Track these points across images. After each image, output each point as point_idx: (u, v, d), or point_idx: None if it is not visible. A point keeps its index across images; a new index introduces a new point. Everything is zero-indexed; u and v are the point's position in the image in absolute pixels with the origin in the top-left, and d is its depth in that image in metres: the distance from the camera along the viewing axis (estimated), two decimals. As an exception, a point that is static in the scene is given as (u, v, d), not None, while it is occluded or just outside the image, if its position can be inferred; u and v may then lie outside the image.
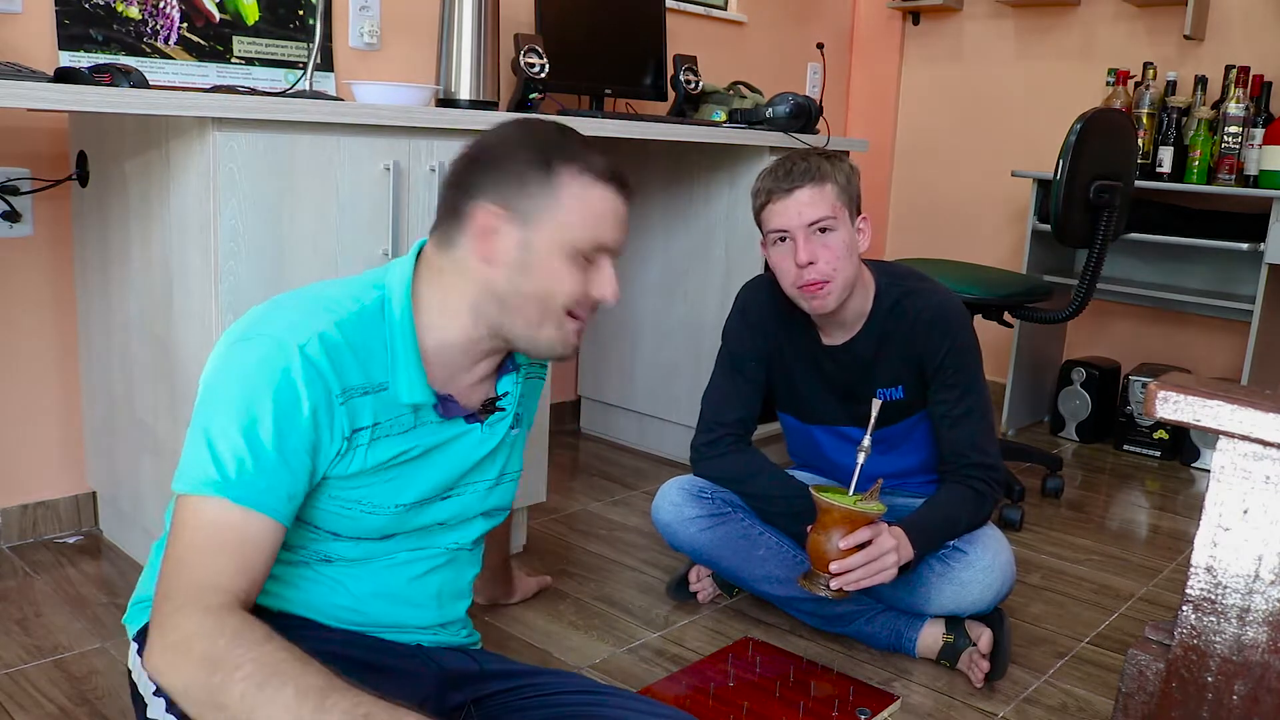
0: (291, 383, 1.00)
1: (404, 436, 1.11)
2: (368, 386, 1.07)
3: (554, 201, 1.08)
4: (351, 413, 1.05)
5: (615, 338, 2.91)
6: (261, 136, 1.60)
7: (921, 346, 1.75)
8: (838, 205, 1.67)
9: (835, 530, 1.54)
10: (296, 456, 1.01)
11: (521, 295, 1.09)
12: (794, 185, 1.65)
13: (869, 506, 1.55)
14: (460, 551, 1.27)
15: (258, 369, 1.01)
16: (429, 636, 1.25)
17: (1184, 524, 2.56)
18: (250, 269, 1.62)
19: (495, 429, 1.22)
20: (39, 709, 1.49)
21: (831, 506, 1.54)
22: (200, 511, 0.98)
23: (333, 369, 1.03)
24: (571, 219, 1.09)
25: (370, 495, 1.11)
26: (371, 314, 1.09)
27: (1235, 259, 3.07)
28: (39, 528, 2.08)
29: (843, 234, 1.67)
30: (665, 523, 1.86)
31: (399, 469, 1.13)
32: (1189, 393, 0.72)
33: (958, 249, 3.64)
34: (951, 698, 1.66)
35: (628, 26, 2.75)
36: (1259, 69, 2.96)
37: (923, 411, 1.82)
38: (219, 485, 0.98)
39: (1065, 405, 3.26)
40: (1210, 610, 0.74)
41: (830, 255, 1.65)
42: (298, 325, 1.03)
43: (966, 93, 3.66)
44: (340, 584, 1.16)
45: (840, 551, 1.53)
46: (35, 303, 2.02)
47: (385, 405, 1.08)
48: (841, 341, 1.79)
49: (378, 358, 1.08)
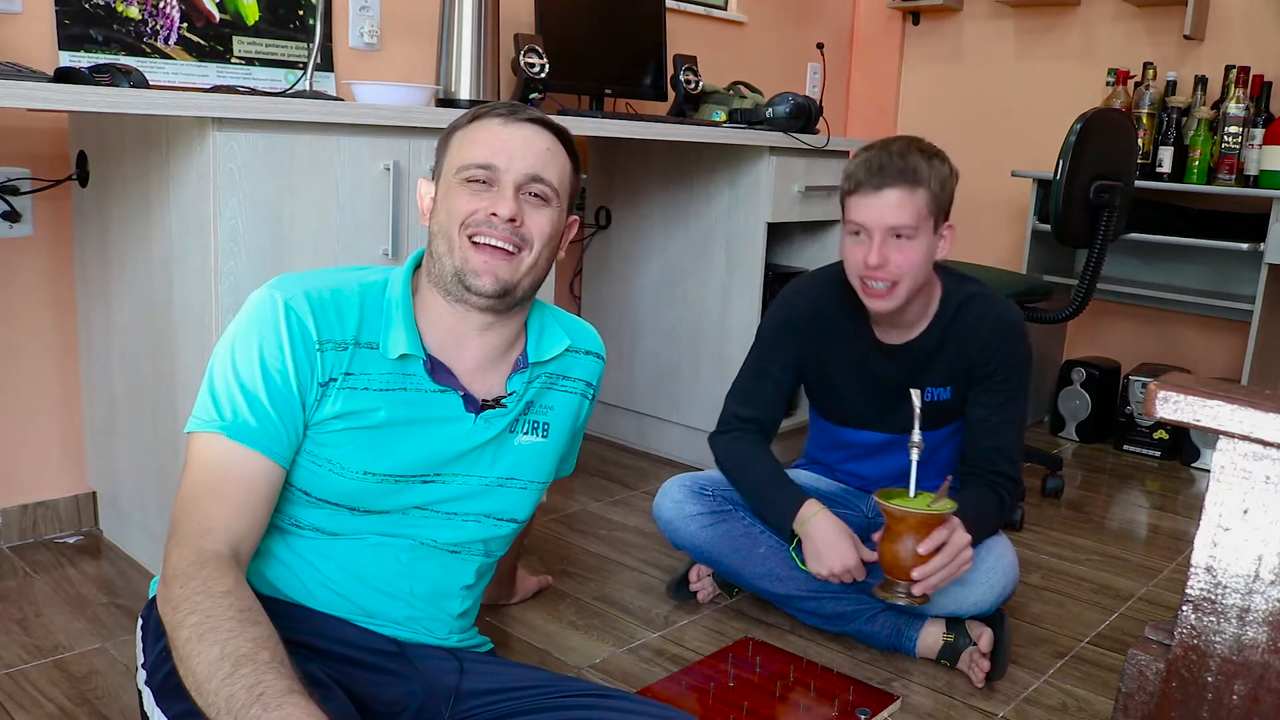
0: (276, 327, 1.11)
1: (381, 394, 1.17)
2: (348, 341, 1.15)
3: (448, 152, 1.21)
4: (327, 361, 1.14)
5: (615, 338, 2.91)
6: (261, 136, 1.60)
7: (979, 351, 1.73)
8: (923, 213, 1.62)
9: (909, 536, 1.52)
10: (284, 400, 1.11)
11: (435, 233, 1.20)
12: (885, 183, 1.60)
13: (943, 505, 1.53)
14: (441, 550, 1.25)
15: (249, 316, 1.13)
16: (404, 632, 1.24)
17: (1184, 524, 2.56)
18: (250, 269, 1.62)
19: (491, 423, 1.23)
20: (39, 709, 1.49)
21: (906, 514, 1.51)
22: (202, 449, 1.09)
23: (313, 319, 1.13)
24: (457, 154, 1.20)
25: (340, 456, 1.16)
26: (372, 288, 1.20)
27: (1235, 259, 3.07)
28: (39, 528, 2.08)
29: (921, 243, 1.63)
30: (666, 520, 1.86)
31: (371, 434, 1.16)
32: (1189, 393, 0.72)
33: (958, 249, 3.62)
34: (951, 698, 1.66)
35: (628, 26, 2.75)
36: (1259, 69, 2.96)
37: (958, 423, 1.81)
38: (219, 424, 1.09)
39: (1065, 405, 3.26)
40: (1210, 610, 0.74)
41: (903, 260, 1.62)
42: (288, 284, 1.16)
43: (966, 93, 3.66)
44: (311, 559, 1.19)
45: (920, 557, 1.52)
46: (35, 303, 2.02)
47: (369, 361, 1.17)
48: (900, 341, 1.77)
49: (371, 320, 1.17)
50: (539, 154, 1.18)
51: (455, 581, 1.28)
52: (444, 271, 1.18)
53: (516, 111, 1.20)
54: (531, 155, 1.18)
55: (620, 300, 2.90)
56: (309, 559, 1.20)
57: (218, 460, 1.08)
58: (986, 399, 1.75)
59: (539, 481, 1.32)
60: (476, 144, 1.18)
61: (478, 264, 1.16)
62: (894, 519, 1.53)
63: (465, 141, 1.19)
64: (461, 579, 1.29)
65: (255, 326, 1.12)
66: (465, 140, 1.19)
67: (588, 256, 2.98)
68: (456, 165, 1.18)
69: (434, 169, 1.25)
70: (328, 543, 1.20)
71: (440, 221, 1.19)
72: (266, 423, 1.10)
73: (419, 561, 1.24)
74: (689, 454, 2.76)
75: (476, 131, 1.19)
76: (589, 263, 2.98)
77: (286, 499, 1.17)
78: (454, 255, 1.17)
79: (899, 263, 1.62)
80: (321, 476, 1.16)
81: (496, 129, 1.18)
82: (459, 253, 1.16)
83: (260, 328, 1.11)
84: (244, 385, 1.10)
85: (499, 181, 1.17)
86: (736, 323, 2.61)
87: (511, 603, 1.89)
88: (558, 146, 1.21)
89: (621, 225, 2.88)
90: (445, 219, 1.18)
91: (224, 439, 1.08)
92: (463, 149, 1.19)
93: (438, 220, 1.20)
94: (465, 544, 1.28)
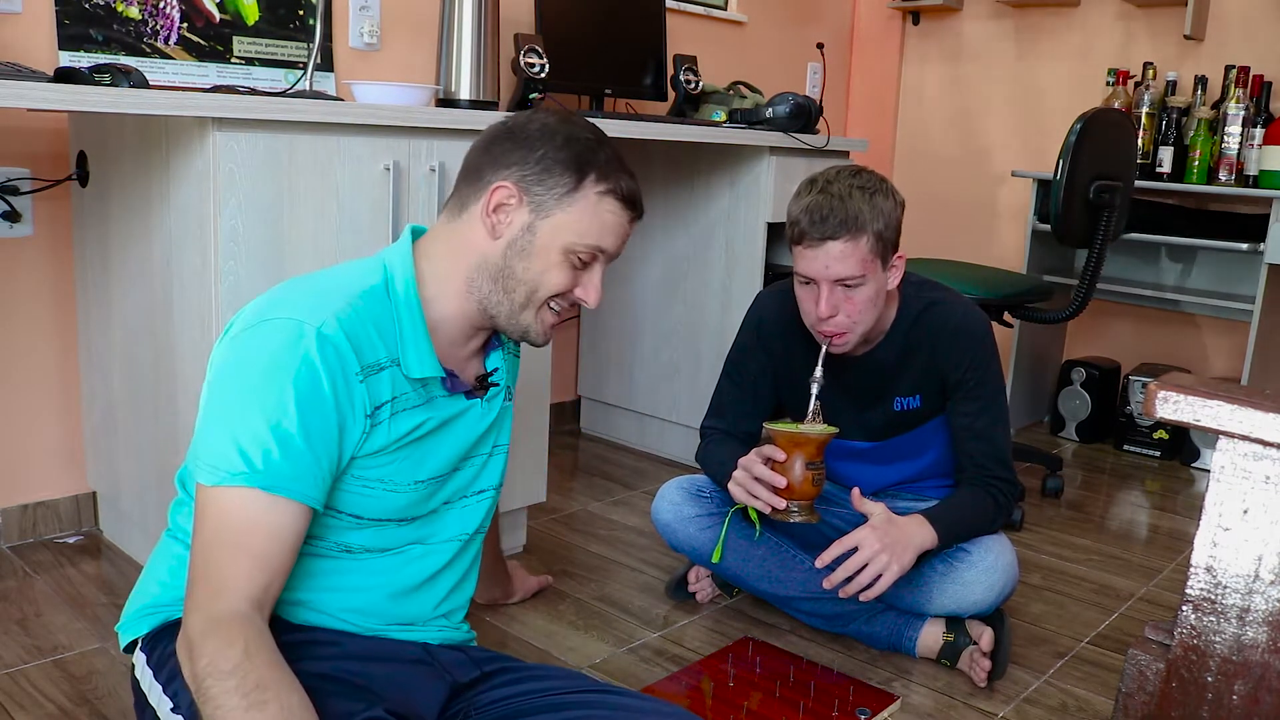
0: (311, 365, 1.02)
1: (419, 410, 1.14)
2: (384, 362, 1.10)
3: (570, 204, 1.13)
4: (372, 389, 1.08)
5: (615, 338, 2.91)
6: (261, 136, 1.60)
7: (945, 358, 1.74)
8: (869, 259, 1.60)
9: (795, 457, 1.59)
10: (322, 440, 1.03)
11: (514, 276, 1.14)
12: (827, 235, 1.58)
13: (813, 428, 1.60)
14: (466, 540, 1.28)
15: (277, 354, 1.02)
16: (433, 633, 1.25)
17: (1184, 524, 2.56)
18: (250, 269, 1.62)
19: (492, 404, 1.26)
20: (39, 709, 1.49)
21: (776, 433, 1.61)
22: (224, 504, 1.00)
23: (351, 347, 1.05)
24: (580, 224, 1.13)
25: (392, 473, 1.13)
26: (379, 292, 1.12)
27: (1235, 259, 3.07)
28: (39, 528, 2.08)
29: (870, 287, 1.62)
30: (665, 522, 1.86)
31: (417, 444, 1.16)
32: (1189, 393, 0.72)
33: (958, 249, 3.64)
34: (951, 698, 1.66)
35: (628, 26, 2.75)
36: (1259, 69, 2.96)
37: (937, 420, 1.82)
38: (246, 476, 1.00)
39: (1065, 405, 3.26)
40: (1210, 610, 0.74)
41: (852, 309, 1.63)
42: (314, 308, 1.05)
43: (966, 93, 3.66)
44: (358, 579, 1.17)
45: (807, 478, 1.58)
46: (35, 303, 2.02)
47: (400, 380, 1.12)
48: (862, 353, 1.77)
49: (389, 333, 1.11)
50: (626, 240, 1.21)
51: (469, 565, 1.31)
52: (510, 318, 1.17)
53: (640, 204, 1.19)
54: (623, 243, 1.20)
55: (620, 300, 2.90)
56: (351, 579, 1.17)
57: (243, 514, 1.00)
58: (965, 407, 1.75)
59: (508, 442, 1.34)
60: (607, 234, 1.16)
61: (546, 330, 1.19)
62: (777, 441, 1.61)
63: (600, 218, 1.14)
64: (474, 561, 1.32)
65: (283, 362, 1.02)
66: (601, 217, 1.14)
67: (588, 256, 2.98)
68: (577, 239, 1.14)
69: (528, 182, 1.13)
70: (375, 560, 1.18)
71: (530, 274, 1.14)
72: (301, 466, 1.02)
73: (455, 557, 1.26)
74: (689, 454, 2.76)
75: (613, 218, 1.16)
76: (589, 263, 2.98)
77: (333, 528, 1.13)
78: (529, 314, 1.17)
79: (849, 311, 1.63)
80: (376, 497, 1.13)
81: (626, 226, 1.18)
82: (536, 315, 1.17)
83: (289, 363, 1.01)
84: (276, 428, 1.00)
85: (596, 266, 1.17)
86: (736, 323, 2.57)
87: (511, 602, 1.89)
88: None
89: (621, 225, 2.87)
90: (537, 278, 1.15)
91: (253, 491, 1.00)
92: (593, 229, 1.14)
93: (527, 267, 1.14)
94: (480, 525, 1.30)
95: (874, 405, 1.80)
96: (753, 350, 1.86)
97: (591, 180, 1.13)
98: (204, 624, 0.98)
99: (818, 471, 1.60)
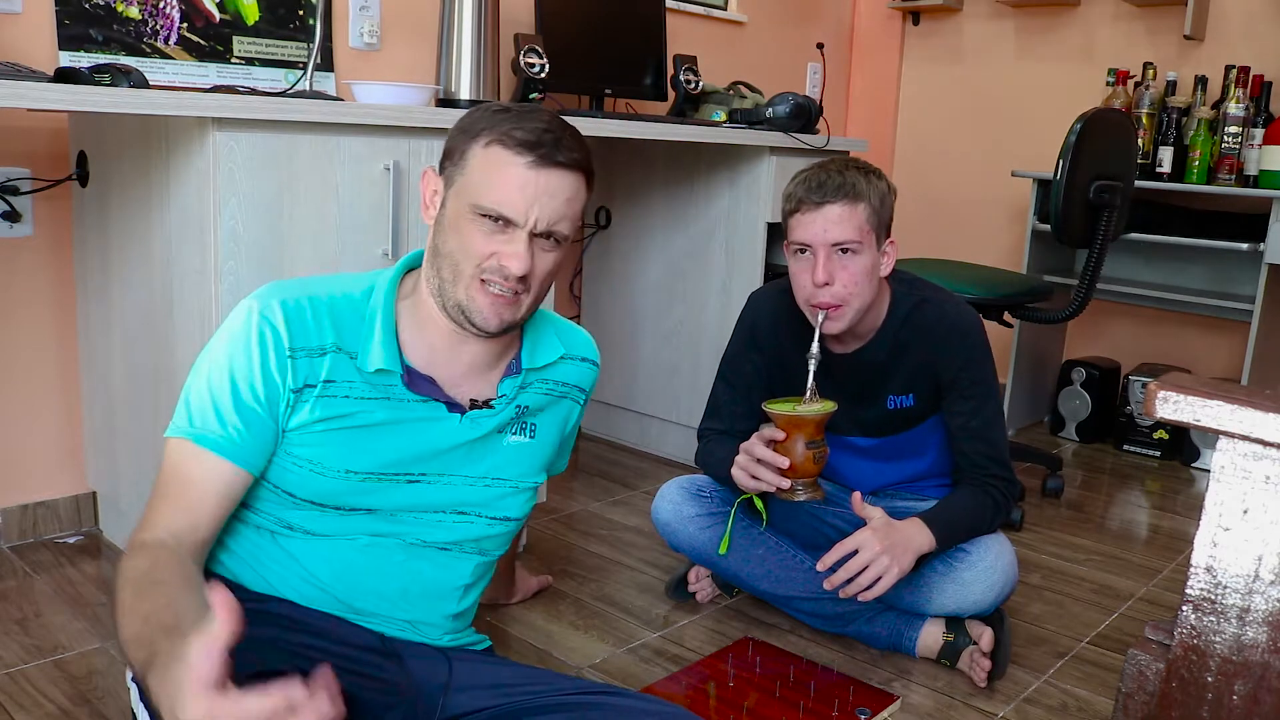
0: (248, 339, 1.14)
1: (359, 401, 1.18)
2: (326, 348, 1.17)
3: (465, 164, 1.17)
4: (300, 368, 1.16)
5: (615, 338, 2.91)
6: (261, 136, 1.60)
7: (936, 357, 1.74)
8: (866, 228, 1.62)
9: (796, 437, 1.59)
10: (251, 405, 1.14)
11: (441, 253, 1.19)
12: (825, 200, 1.60)
13: (811, 407, 1.59)
14: (433, 549, 1.26)
15: (231, 327, 1.17)
16: (394, 630, 1.25)
17: (1184, 524, 2.56)
18: (250, 269, 1.62)
19: (478, 423, 1.24)
20: (39, 709, 1.49)
21: (774, 415, 1.60)
22: (170, 453, 1.14)
23: (286, 327, 1.15)
24: (477, 180, 1.15)
25: (320, 455, 1.17)
26: (356, 299, 1.21)
27: (1235, 259, 3.07)
28: (39, 528, 2.08)
29: (866, 258, 1.63)
30: (665, 522, 1.86)
31: (350, 433, 1.18)
32: (1189, 393, 0.72)
33: (958, 249, 3.64)
34: (951, 698, 1.66)
35: (628, 26, 2.75)
36: (1259, 69, 2.96)
37: (933, 419, 1.82)
38: (182, 430, 1.14)
39: (1065, 405, 3.26)
40: (1210, 610, 0.74)
41: (848, 278, 1.63)
42: (271, 294, 1.17)
43: (966, 93, 3.66)
44: (303, 559, 1.20)
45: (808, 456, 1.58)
46: (35, 303, 2.02)
47: (349, 369, 1.18)
48: (852, 350, 1.78)
49: (351, 329, 1.19)
50: (559, 206, 1.15)
51: (450, 581, 1.28)
52: (447, 297, 1.18)
53: (544, 149, 1.14)
54: (552, 207, 1.15)
55: (620, 300, 2.90)
56: (299, 559, 1.21)
57: (181, 465, 1.13)
58: (960, 407, 1.75)
59: (528, 482, 1.32)
60: (498, 185, 1.13)
61: (484, 306, 1.16)
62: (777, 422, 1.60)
63: (488, 170, 1.14)
64: (457, 578, 1.29)
65: (229, 335, 1.15)
66: (488, 168, 1.14)
67: (588, 257, 2.98)
68: (475, 197, 1.14)
69: (443, 163, 1.20)
70: (318, 543, 1.20)
71: (450, 247, 1.16)
72: (229, 429, 1.13)
73: (411, 561, 1.24)
74: (689, 454, 2.75)
75: (503, 167, 1.14)
76: (589, 263, 2.98)
77: (273, 502, 1.19)
78: (460, 289, 1.16)
79: (845, 280, 1.62)
80: (302, 476, 1.17)
81: (523, 173, 1.13)
82: (465, 290, 1.16)
83: (233, 336, 1.15)
84: (213, 393, 1.13)
85: (514, 232, 1.15)
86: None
87: (511, 602, 1.89)
88: (580, 189, 1.18)
89: (621, 225, 2.88)
90: (456, 249, 1.16)
91: (189, 444, 1.13)
92: (484, 181, 1.14)
93: (446, 241, 1.17)
94: (458, 543, 1.28)
95: (867, 403, 1.80)
96: (747, 352, 1.86)
97: (481, 135, 1.16)
98: (127, 549, 1.07)
99: (819, 449, 1.59)
